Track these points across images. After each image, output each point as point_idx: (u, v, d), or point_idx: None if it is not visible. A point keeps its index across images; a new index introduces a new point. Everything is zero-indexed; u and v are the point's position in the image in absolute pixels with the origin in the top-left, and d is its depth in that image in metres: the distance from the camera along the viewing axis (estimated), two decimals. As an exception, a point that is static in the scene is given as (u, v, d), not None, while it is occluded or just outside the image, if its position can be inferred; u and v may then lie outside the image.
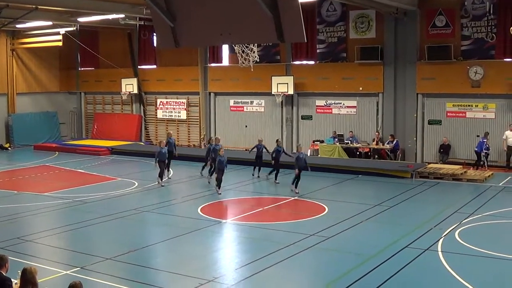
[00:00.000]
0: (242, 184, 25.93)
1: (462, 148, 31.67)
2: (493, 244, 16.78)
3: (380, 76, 33.20)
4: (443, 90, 31.75)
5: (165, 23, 8.78)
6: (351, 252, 16.26)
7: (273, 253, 16.02)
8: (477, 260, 15.53)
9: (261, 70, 35.42)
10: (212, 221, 19.87)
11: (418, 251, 16.15)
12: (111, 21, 36.01)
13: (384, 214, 20.95)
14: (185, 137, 40.78)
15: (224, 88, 38.73)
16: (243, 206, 22.73)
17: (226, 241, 18.34)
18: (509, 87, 29.65)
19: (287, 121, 36.46)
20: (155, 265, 15.53)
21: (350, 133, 33.93)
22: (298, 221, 20.18)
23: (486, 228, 18.91)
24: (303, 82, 35.51)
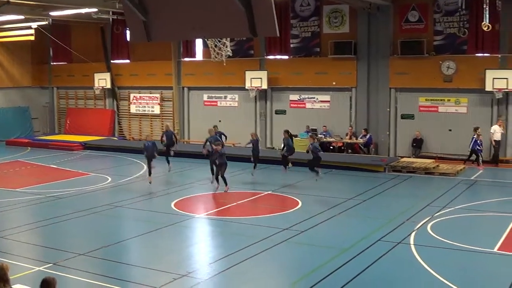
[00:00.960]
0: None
1: (434, 142, 31.93)
2: (463, 237, 16.96)
3: (354, 71, 33.35)
4: (416, 84, 31.98)
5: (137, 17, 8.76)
6: (324, 246, 16.34)
7: (247, 247, 16.04)
8: (448, 252, 15.67)
9: (235, 65, 35.41)
10: (186, 216, 19.86)
11: (391, 244, 16.27)
12: (84, 15, 35.74)
13: (357, 207, 21.07)
14: (158, 132, 40.62)
15: (197, 82, 38.66)
16: (217, 201, 22.72)
17: (200, 236, 18.35)
18: (480, 82, 29.92)
19: (261, 115, 36.50)
20: (128, 260, 15.49)
21: (324, 128, 34.05)
22: (271, 215, 20.21)
23: (458, 221, 19.09)
24: (276, 77, 35.56)
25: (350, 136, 33.12)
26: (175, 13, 8.64)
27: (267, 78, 35.12)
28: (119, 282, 13.44)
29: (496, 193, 24.20)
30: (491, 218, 19.55)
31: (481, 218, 19.68)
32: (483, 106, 30.73)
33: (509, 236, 17.13)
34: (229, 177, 24.40)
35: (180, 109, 39.52)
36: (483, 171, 28.13)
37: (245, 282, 13.77)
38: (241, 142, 34.92)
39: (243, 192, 23.67)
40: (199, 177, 26.65)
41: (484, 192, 24.21)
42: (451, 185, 24.88)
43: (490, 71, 29.57)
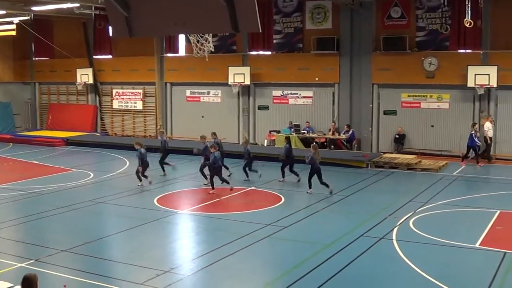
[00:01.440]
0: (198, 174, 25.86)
1: (416, 138, 32.05)
2: (446, 232, 17.04)
3: (336, 67, 33.40)
4: (398, 80, 32.07)
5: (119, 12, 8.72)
6: (307, 241, 16.36)
7: (230, 243, 16.05)
8: (431, 248, 15.77)
9: (218, 61, 35.35)
10: (169, 212, 19.83)
11: (374, 240, 16.34)
12: (66, 11, 35.52)
13: (340, 203, 21.12)
14: (141, 127, 40.52)
15: (180, 78, 38.56)
16: (199, 197, 22.70)
17: (183, 232, 18.33)
18: (463, 78, 30.06)
19: (244, 111, 36.48)
20: (111, 257, 15.44)
21: (307, 123, 34.08)
22: (254, 211, 20.22)
23: (440, 217, 19.19)
24: (259, 73, 35.55)
25: (332, 132, 33.18)
26: (157, 8, 8.61)
27: (250, 73, 35.10)
28: (101, 278, 13.40)
29: (478, 189, 24.34)
30: (473, 214, 19.65)
31: (463, 213, 19.79)
32: (465, 102, 30.88)
33: (491, 231, 17.26)
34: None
35: (162, 105, 39.40)
36: (466, 167, 28.30)
37: (228, 277, 13.78)
38: (225, 138, 34.94)
39: (226, 188, 23.64)
40: (182, 172, 26.60)
41: (466, 188, 24.35)
42: (433, 181, 25.00)
43: (472, 67, 29.70)
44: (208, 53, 26.28)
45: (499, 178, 26.29)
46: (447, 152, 31.29)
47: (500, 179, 26.11)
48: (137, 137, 39.01)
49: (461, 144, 30.89)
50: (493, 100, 30.38)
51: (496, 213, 19.21)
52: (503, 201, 21.51)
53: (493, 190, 23.63)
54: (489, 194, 22.68)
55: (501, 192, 23.24)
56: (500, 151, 30.44)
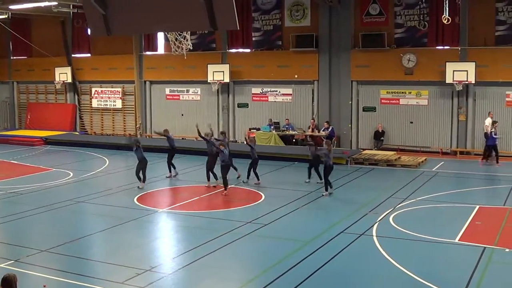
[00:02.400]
0: (179, 172, 25.81)
1: (396, 135, 32.19)
2: (425, 228, 17.12)
3: (315, 64, 33.45)
4: (377, 77, 32.20)
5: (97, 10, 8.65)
6: (287, 239, 16.38)
7: (210, 241, 16.02)
8: (411, 243, 15.84)
9: (197, 58, 35.28)
10: (149, 211, 19.75)
11: (354, 236, 16.38)
12: (43, 9, 35.26)
13: (319, 200, 21.16)
14: (120, 126, 40.36)
15: (159, 76, 38.46)
16: (179, 195, 22.65)
17: (163, 230, 18.26)
18: (441, 74, 30.22)
19: (224, 109, 36.45)
20: (91, 256, 15.35)
21: (286, 121, 34.11)
22: (234, 209, 20.23)
23: (419, 213, 19.27)
24: (239, 70, 35.53)
25: (312, 129, 33.22)
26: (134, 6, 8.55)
27: (229, 71, 35.07)
28: (81, 278, 13.32)
29: (457, 185, 24.49)
30: (452, 209, 19.76)
31: (442, 209, 19.90)
32: (443, 98, 31.06)
33: (470, 227, 17.37)
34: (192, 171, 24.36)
35: (142, 103, 39.26)
36: (445, 162, 28.46)
37: (209, 276, 13.74)
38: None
39: (206, 186, 23.59)
40: (162, 171, 26.50)
41: (445, 184, 24.44)
42: (413, 177, 25.11)
43: (450, 64, 29.88)
44: (187, 51, 26.19)
45: (477, 174, 26.47)
46: (426, 148, 31.47)
47: (478, 174, 26.31)
48: (116, 136, 38.93)
49: (440, 139, 31.12)
50: (471, 96, 30.57)
51: (475, 209, 19.33)
52: (482, 197, 21.72)
53: (471, 185, 23.78)
54: (468, 190, 22.83)
55: (479, 188, 23.44)
56: (478, 147, 30.63)
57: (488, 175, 26.16)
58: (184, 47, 25.43)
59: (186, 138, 35.87)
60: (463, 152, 30.82)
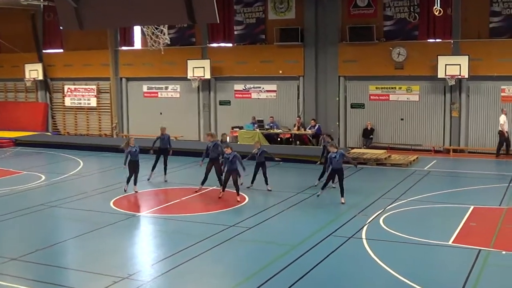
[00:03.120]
0: (157, 174, 25.73)
1: (386, 132, 32.31)
2: (417, 230, 17.17)
3: (301, 59, 33.50)
4: (366, 72, 32.29)
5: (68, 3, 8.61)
6: (273, 243, 16.38)
7: (191, 246, 15.98)
8: (402, 246, 15.86)
9: (176, 54, 35.25)
10: (126, 215, 19.68)
11: (342, 239, 16.40)
12: (12, 1, 35.06)
13: (306, 201, 21.17)
14: (95, 126, 40.24)
15: (136, 73, 38.35)
16: (158, 198, 22.60)
17: (141, 236, 18.21)
18: (432, 69, 30.35)
19: (204, 107, 36.42)
20: (65, 264, 15.26)
21: (271, 119, 34.13)
22: (217, 212, 20.16)
23: (411, 214, 19.33)
24: (220, 66, 35.51)
25: (298, 127, 33.27)
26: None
27: (210, 67, 35.04)
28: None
29: (450, 184, 24.61)
30: (445, 210, 19.85)
31: (435, 210, 19.98)
32: (435, 93, 31.20)
33: (464, 228, 17.44)
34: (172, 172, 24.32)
35: (118, 102, 39.16)
36: (438, 161, 28.58)
37: (190, 283, 13.72)
38: (183, 135, 34.88)
39: (186, 188, 23.56)
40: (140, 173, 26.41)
41: (437, 183, 24.55)
42: (404, 176, 25.20)
43: (443, 57, 30.02)
44: (164, 46, 26.14)
45: (471, 172, 26.64)
46: (418, 146, 31.61)
47: (472, 173, 26.45)
48: (91, 136, 38.80)
49: (432, 137, 31.25)
50: (465, 91, 30.74)
51: (469, 209, 19.43)
52: (477, 196, 21.77)
53: (465, 185, 23.92)
54: (462, 189, 22.95)
55: (474, 187, 23.53)
56: (472, 144, 30.81)
57: (483, 174, 26.29)
58: (161, 42, 25.38)
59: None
60: (457, 150, 30.98)
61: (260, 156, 23.10)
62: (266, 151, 23.32)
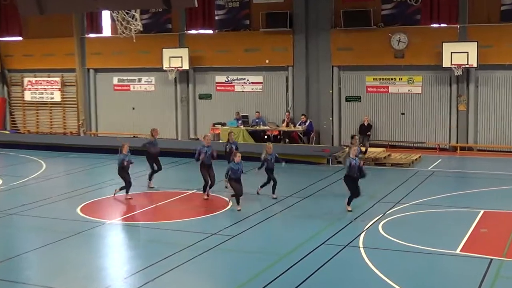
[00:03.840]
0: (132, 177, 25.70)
1: (385, 128, 32.38)
2: (421, 237, 17.21)
3: (290, 47, 33.52)
4: (362, 61, 32.35)
5: (27, -16, 8.60)
6: (260, 252, 16.39)
7: (169, 257, 15.96)
8: (404, 256, 15.91)
9: (150, 42, 35.20)
10: (95, 223, 19.63)
11: (337, 248, 16.41)
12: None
13: (297, 206, 21.19)
14: (59, 123, 40.12)
15: (106, 63, 38.26)
16: (131, 203, 22.53)
17: (113, 246, 18.17)
18: (437, 57, 30.43)
19: (182, 101, 36.38)
20: (25, 279, 15.18)
21: (256, 114, 34.14)
22: (197, 218, 20.17)
23: (413, 219, 19.38)
24: (200, 55, 35.47)
25: (287, 123, 33.29)
26: (73, -21, 8.52)
27: (188, 56, 35.01)
28: (15, 305, 13.24)
29: (457, 186, 24.72)
30: (452, 215, 19.92)
31: (440, 215, 20.04)
32: (440, 85, 31.30)
33: (474, 235, 17.48)
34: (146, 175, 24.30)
35: (85, 96, 39.05)
36: (443, 160, 28.67)
37: (167, 298, 13.74)
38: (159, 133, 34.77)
39: (163, 192, 23.55)
40: (109, 175, 26.39)
41: (443, 185, 24.61)
42: (405, 178, 25.26)
43: (448, 44, 30.11)
44: (136, 33, 26.08)
45: (481, 172, 26.73)
46: (421, 144, 31.70)
47: (482, 173, 26.54)
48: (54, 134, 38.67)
49: (437, 133, 31.33)
50: (473, 82, 30.85)
51: (479, 214, 19.49)
52: (487, 199, 21.83)
53: (474, 187, 24.00)
54: (471, 192, 23.05)
55: (484, 189, 23.59)
56: (481, 141, 30.92)
57: (495, 174, 26.38)
58: (133, 29, 25.32)
59: (138, 136, 35.74)
60: (464, 148, 31.12)
61: (273, 162, 22.59)
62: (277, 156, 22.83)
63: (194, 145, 29.37)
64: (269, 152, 22.61)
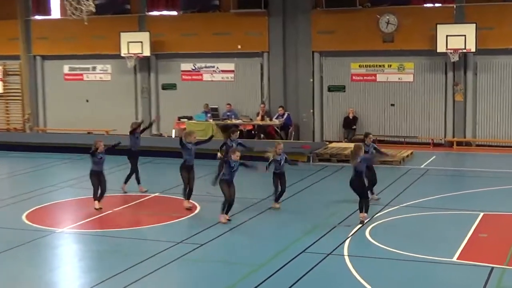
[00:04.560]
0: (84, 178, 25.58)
1: (372, 122, 32.50)
2: (412, 244, 17.29)
3: (265, 31, 33.56)
4: (346, 46, 32.43)
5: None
6: (232, 263, 16.42)
7: (129, 269, 15.94)
8: (394, 264, 15.98)
9: (106, 25, 35.12)
10: (44, 231, 19.54)
11: (319, 257, 16.45)
12: None
13: (273, 210, 21.22)
14: (2, 118, 39.92)
15: (55, 49, 38.11)
16: (85, 209, 22.43)
17: (64, 257, 18.10)
18: (430, 41, 30.56)
19: (143, 92, 36.34)
20: (-35, 295, 15.19)
21: (228, 106, 34.15)
22: (161, 225, 20.14)
23: (404, 224, 19.50)
24: (162, 40, 35.44)
25: (262, 116, 33.33)
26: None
27: (149, 41, 34.95)
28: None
29: (453, 186, 24.88)
30: (448, 218, 20.03)
31: (434, 218, 20.13)
32: (434, 72, 31.47)
33: (472, 241, 17.60)
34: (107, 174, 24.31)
35: (31, 87, 38.87)
36: (437, 157, 28.83)
37: (127, 315, 13.76)
38: (116, 128, 34.73)
39: (122, 195, 23.51)
40: (59, 177, 26.30)
41: (437, 185, 24.77)
42: (395, 177, 25.40)
43: (443, 27, 30.25)
44: (88, 15, 25.99)
45: (480, 170, 26.89)
46: (413, 139, 31.85)
47: (482, 171, 26.70)
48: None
49: (431, 127, 31.47)
50: (471, 69, 31.03)
51: (478, 217, 19.64)
52: (487, 201, 21.98)
53: (473, 186, 24.14)
54: (469, 192, 23.20)
55: (483, 189, 23.74)
56: (481, 136, 31.10)
57: (495, 172, 26.53)
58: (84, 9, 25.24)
59: (93, 132, 35.66)
60: (462, 143, 31.31)
61: (282, 164, 21.73)
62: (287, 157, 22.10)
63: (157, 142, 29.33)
64: (279, 152, 21.70)
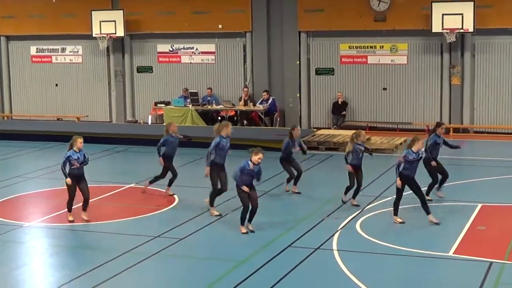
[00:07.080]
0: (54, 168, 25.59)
1: (363, 107, 32.56)
2: (405, 237, 17.43)
3: (247, 8, 33.55)
4: (335, 26, 32.44)
5: None
6: (213, 258, 16.48)
7: (103, 265, 15.96)
8: (386, 259, 16.06)
9: (76, 2, 35.05)
10: (10, 225, 19.54)
11: (306, 251, 16.52)
12: None
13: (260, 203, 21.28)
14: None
15: (20, 29, 37.98)
16: (55, 201, 22.42)
17: (33, 253, 18.07)
18: (425, 20, 30.60)
19: (117, 75, 36.29)
20: None
21: (208, 91, 34.16)
22: (136, 218, 20.16)
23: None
24: (137, 19, 35.37)
25: (245, 101, 33.34)
26: None
27: (123, 21, 34.86)
28: None
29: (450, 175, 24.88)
30: (444, 210, 20.14)
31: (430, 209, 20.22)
32: (429, 54, 31.53)
33: (470, 234, 17.73)
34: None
35: (-5, 70, 38.85)
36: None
37: (101, 315, 13.79)
38: (88, 115, 34.74)
39: (95, 186, 23.49)
40: (28, 167, 26.27)
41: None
42: (388, 166, 25.37)
43: (438, 5, 30.29)
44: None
45: (478, 159, 27.00)
46: (406, 125, 31.93)
47: (480, 160, 26.82)
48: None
49: (426, 112, 31.54)
50: (469, 50, 31.09)
51: (476, 208, 19.79)
52: (486, 191, 22.08)
53: (471, 176, 24.27)
54: (466, 182, 23.32)
55: (482, 179, 23.88)
56: (479, 122, 31.20)
57: (495, 161, 26.64)
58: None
59: (63, 119, 35.62)
60: (459, 130, 31.40)
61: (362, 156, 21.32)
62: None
63: (131, 129, 29.27)
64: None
